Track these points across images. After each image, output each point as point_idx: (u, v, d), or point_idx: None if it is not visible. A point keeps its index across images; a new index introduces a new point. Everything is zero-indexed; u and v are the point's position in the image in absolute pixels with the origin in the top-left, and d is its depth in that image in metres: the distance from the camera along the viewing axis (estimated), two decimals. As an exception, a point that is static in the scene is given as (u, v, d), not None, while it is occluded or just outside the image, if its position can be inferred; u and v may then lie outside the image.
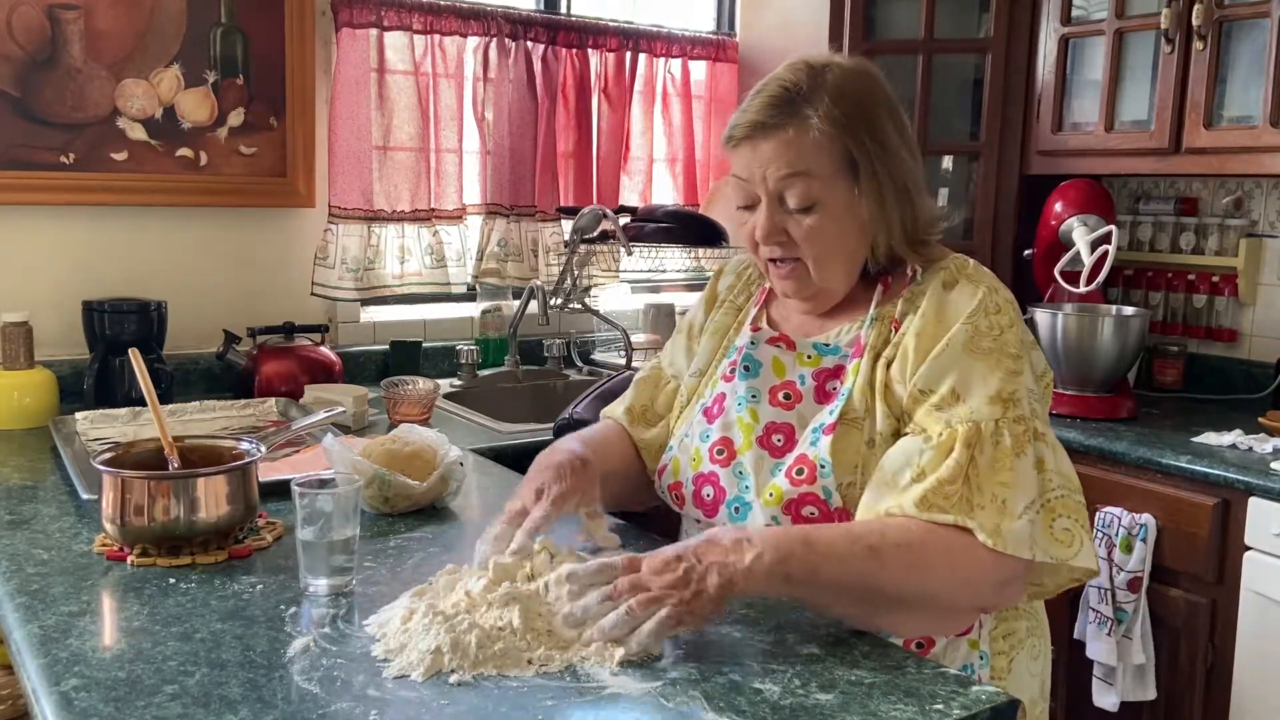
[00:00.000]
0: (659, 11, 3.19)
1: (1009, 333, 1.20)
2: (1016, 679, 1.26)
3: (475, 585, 1.11)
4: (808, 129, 1.22)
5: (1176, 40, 2.39)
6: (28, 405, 2.04)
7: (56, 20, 2.22)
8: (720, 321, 1.44)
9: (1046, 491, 1.14)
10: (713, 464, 1.31)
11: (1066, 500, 1.15)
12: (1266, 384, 2.54)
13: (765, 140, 1.24)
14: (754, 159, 1.25)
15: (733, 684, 1.00)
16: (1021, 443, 1.14)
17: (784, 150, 1.23)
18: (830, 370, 1.29)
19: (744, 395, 1.31)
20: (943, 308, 1.23)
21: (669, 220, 2.85)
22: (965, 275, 1.26)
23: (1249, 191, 2.65)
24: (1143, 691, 2.12)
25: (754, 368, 1.33)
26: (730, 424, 1.31)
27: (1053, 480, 1.15)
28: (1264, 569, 1.96)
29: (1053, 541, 1.13)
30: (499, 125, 2.79)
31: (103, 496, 1.32)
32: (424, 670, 0.99)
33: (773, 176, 1.24)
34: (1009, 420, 1.15)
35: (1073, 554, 1.13)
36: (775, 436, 1.28)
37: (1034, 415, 1.17)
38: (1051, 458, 1.17)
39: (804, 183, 1.23)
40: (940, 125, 2.88)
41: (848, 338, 1.30)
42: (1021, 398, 1.17)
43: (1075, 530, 1.14)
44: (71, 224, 2.33)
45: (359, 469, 1.47)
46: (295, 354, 2.39)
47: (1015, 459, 1.13)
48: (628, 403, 1.50)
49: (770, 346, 1.34)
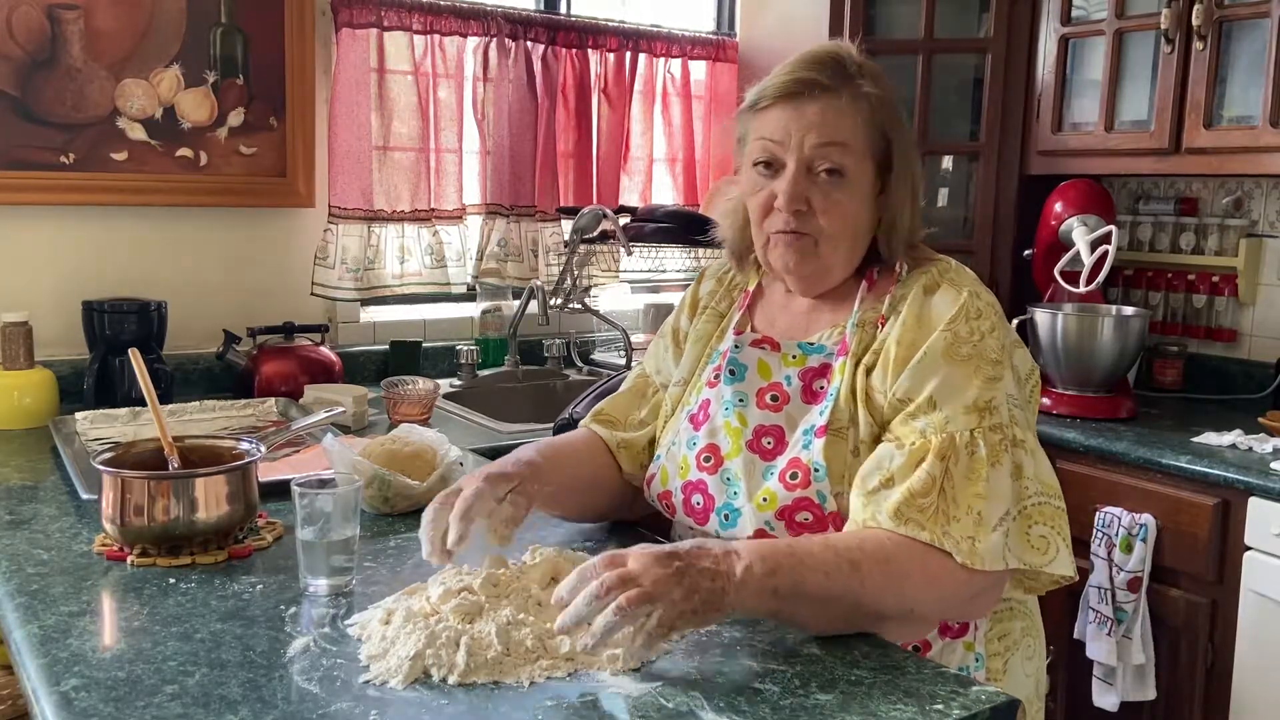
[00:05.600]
0: (659, 11, 3.19)
1: (989, 338, 1.19)
2: (1012, 680, 1.26)
3: (435, 591, 1.09)
4: (861, 98, 1.21)
5: (1176, 40, 2.39)
6: (28, 405, 2.04)
7: (56, 20, 2.22)
8: (702, 329, 1.42)
9: (1023, 499, 1.14)
10: (700, 471, 1.30)
11: (1044, 508, 1.15)
12: (1266, 384, 2.54)
13: (813, 102, 1.21)
14: (794, 119, 1.22)
15: (733, 684, 1.00)
16: (998, 452, 1.13)
17: (833, 116, 1.21)
18: (816, 369, 1.28)
19: (730, 400, 1.30)
20: (924, 314, 1.22)
21: (669, 220, 2.85)
22: (947, 279, 1.25)
23: (1249, 191, 2.65)
24: (1143, 691, 2.12)
25: (739, 371, 1.32)
26: (716, 430, 1.30)
27: (1030, 488, 1.15)
28: (1264, 569, 1.96)
29: (1028, 548, 1.13)
30: (499, 125, 2.79)
31: (103, 496, 1.32)
32: (403, 678, 0.98)
33: (811, 142, 1.21)
34: (985, 429, 1.14)
35: (1047, 561, 1.13)
36: (765, 439, 1.27)
37: (1013, 422, 1.16)
38: (1030, 464, 1.16)
39: (840, 154, 1.22)
40: (940, 125, 2.88)
41: (833, 337, 1.29)
42: (999, 405, 1.16)
43: (1051, 538, 1.14)
44: (71, 224, 2.33)
45: (359, 469, 1.47)
46: (295, 354, 2.39)
47: (991, 469, 1.12)
48: (608, 411, 1.46)
49: (754, 349, 1.33)
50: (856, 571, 1.07)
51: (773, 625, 1.12)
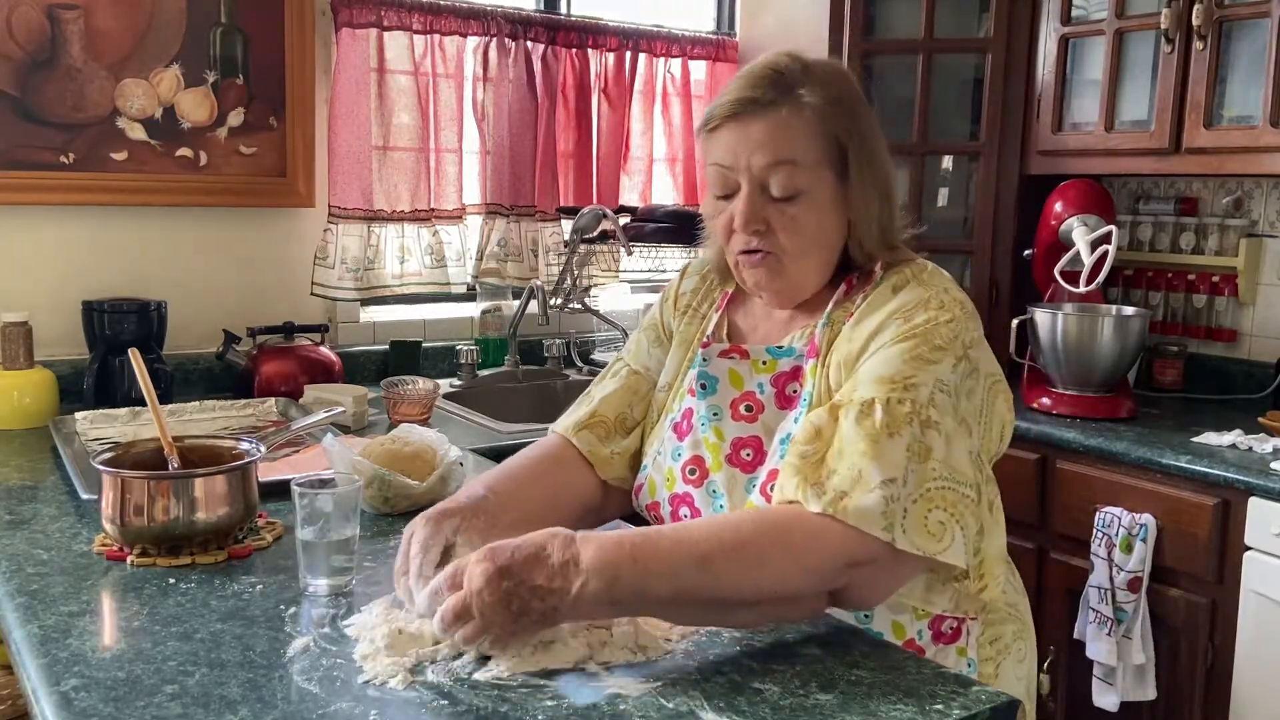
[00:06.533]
0: (659, 11, 3.19)
1: (944, 326, 1.16)
2: (1003, 684, 1.24)
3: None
4: (801, 109, 1.19)
5: (1176, 40, 2.39)
6: (28, 405, 2.04)
7: (56, 20, 2.22)
8: (685, 332, 1.39)
9: (925, 481, 1.08)
10: (686, 484, 1.28)
11: (947, 493, 1.08)
12: (1266, 384, 2.54)
13: (755, 120, 1.20)
14: (740, 141, 1.20)
15: (733, 684, 1.00)
16: (898, 423, 1.08)
17: (774, 132, 1.19)
18: (787, 374, 1.26)
19: (706, 415, 1.28)
20: (885, 307, 1.20)
21: (669, 220, 2.85)
22: (919, 280, 1.22)
23: (1249, 191, 2.65)
24: (1143, 691, 2.12)
25: (710, 384, 1.30)
26: (699, 442, 1.28)
27: (935, 470, 1.08)
28: (1264, 569, 1.96)
29: (923, 533, 1.06)
30: (499, 125, 2.79)
31: (103, 496, 1.32)
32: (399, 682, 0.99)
33: (758, 163, 1.20)
34: (890, 400, 1.10)
35: (941, 549, 1.06)
36: (744, 451, 1.25)
37: (930, 404, 1.10)
38: (942, 448, 1.09)
39: (790, 170, 1.19)
40: (940, 125, 2.88)
41: (803, 339, 1.27)
42: (920, 384, 1.11)
43: (949, 524, 1.07)
44: (71, 224, 2.33)
45: (359, 469, 1.47)
46: (295, 354, 2.39)
47: (884, 436, 1.07)
48: (590, 409, 1.39)
49: (724, 360, 1.31)
50: (706, 567, 1.02)
51: (773, 625, 1.12)
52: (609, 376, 1.44)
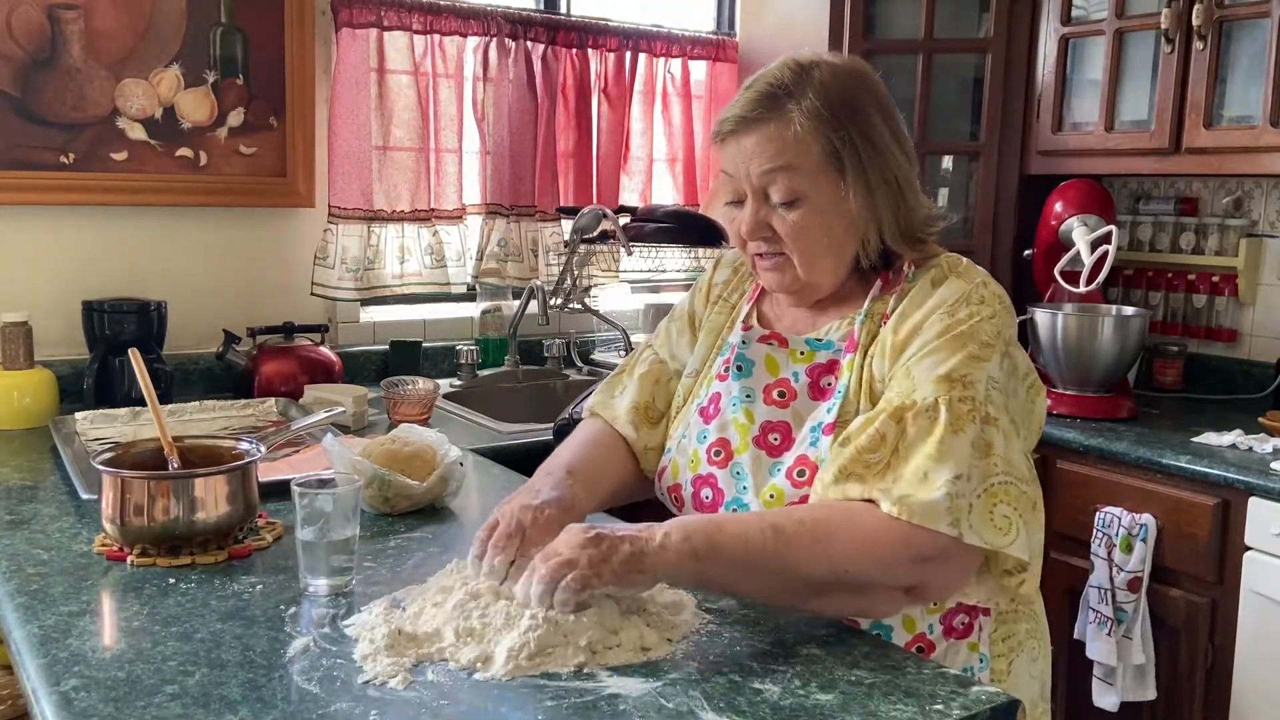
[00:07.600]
0: (659, 11, 3.19)
1: (987, 323, 1.19)
2: (1016, 681, 1.26)
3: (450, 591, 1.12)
4: (788, 123, 1.22)
5: (1176, 40, 2.39)
6: (28, 405, 2.04)
7: (56, 20, 2.22)
8: (714, 320, 1.43)
9: (989, 476, 1.11)
10: (710, 465, 1.30)
11: (1010, 488, 1.12)
12: (1266, 384, 2.54)
13: (748, 135, 1.24)
14: (738, 154, 1.26)
15: (733, 684, 1.00)
16: (962, 421, 1.12)
17: (765, 144, 1.23)
18: (824, 366, 1.29)
19: (738, 395, 1.31)
20: (925, 302, 1.22)
21: (669, 220, 2.85)
22: (956, 273, 1.25)
23: (1249, 191, 2.65)
24: (1143, 691, 2.12)
25: (746, 367, 1.33)
26: (726, 424, 1.31)
27: (997, 465, 1.12)
28: (1264, 569, 1.96)
29: (990, 527, 1.10)
30: (499, 125, 2.79)
31: (103, 496, 1.32)
32: (399, 682, 0.99)
33: (755, 171, 1.24)
34: (953, 399, 1.13)
35: (1008, 542, 1.10)
36: (771, 435, 1.27)
37: (988, 401, 1.15)
38: (1002, 444, 1.13)
39: (787, 177, 1.23)
40: (940, 125, 2.88)
41: (840, 332, 1.29)
42: (976, 381, 1.15)
43: (1014, 519, 1.11)
44: (71, 224, 2.33)
45: (359, 469, 1.47)
46: (295, 354, 2.39)
47: (950, 434, 1.11)
48: (632, 399, 1.44)
49: (762, 345, 1.34)
50: (779, 535, 1.08)
51: (773, 625, 1.12)
52: (639, 362, 1.49)
